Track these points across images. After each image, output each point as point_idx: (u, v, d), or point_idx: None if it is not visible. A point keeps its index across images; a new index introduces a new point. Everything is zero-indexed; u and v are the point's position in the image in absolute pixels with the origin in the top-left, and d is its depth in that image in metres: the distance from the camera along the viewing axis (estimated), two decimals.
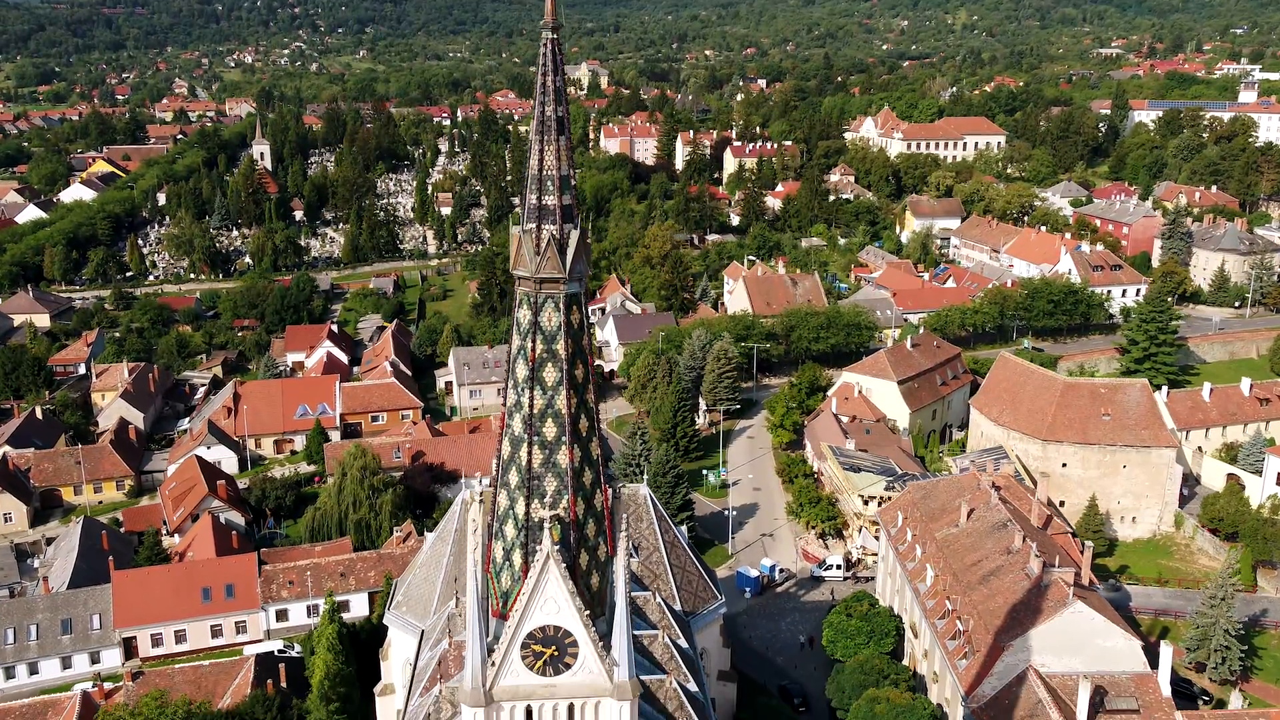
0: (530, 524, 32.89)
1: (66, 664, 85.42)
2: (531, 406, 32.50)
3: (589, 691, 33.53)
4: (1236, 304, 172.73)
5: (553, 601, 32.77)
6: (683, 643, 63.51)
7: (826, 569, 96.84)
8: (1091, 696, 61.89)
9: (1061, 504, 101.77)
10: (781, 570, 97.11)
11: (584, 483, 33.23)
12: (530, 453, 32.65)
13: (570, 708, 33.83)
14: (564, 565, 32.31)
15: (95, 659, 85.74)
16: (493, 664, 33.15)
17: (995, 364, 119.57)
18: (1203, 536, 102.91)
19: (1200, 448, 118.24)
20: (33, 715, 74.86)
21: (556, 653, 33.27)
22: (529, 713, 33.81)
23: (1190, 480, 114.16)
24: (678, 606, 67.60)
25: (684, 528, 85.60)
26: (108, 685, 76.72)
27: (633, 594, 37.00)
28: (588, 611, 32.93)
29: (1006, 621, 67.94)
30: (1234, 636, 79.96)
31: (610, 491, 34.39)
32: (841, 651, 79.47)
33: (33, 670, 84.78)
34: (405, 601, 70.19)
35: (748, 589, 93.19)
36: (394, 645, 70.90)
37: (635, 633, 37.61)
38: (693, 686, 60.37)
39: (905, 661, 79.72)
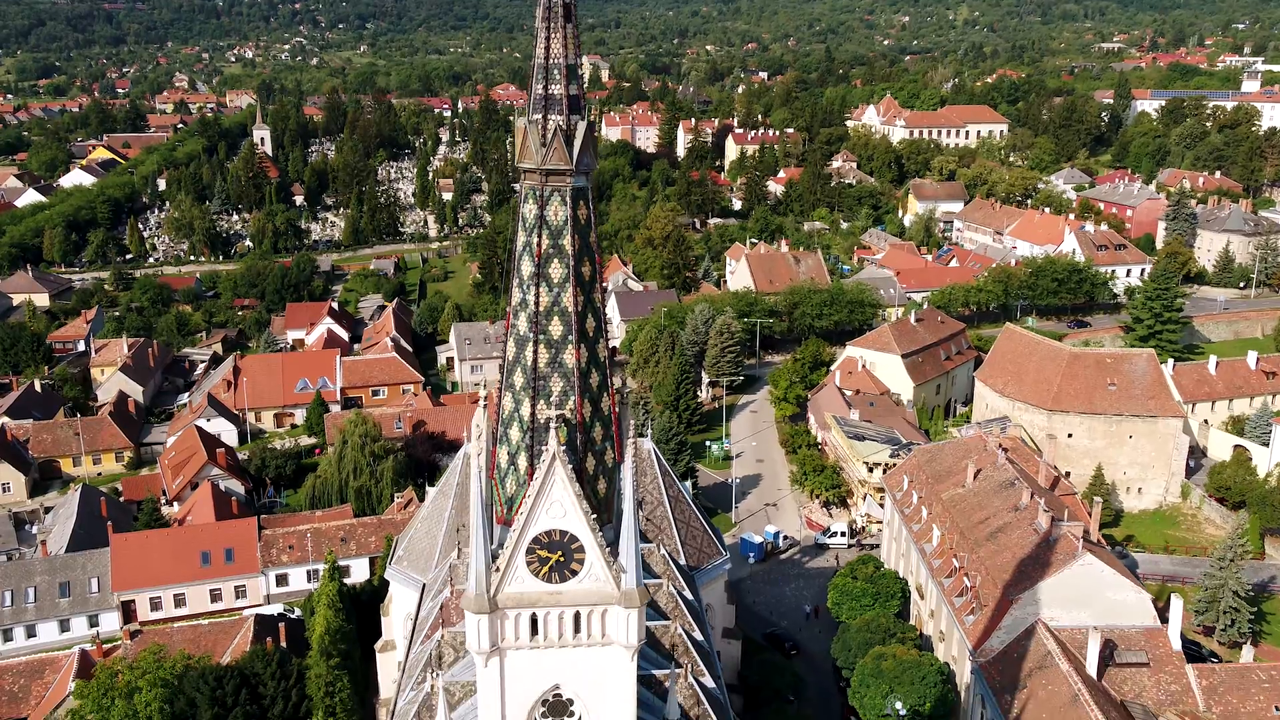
0: (535, 426, 32.12)
1: (64, 627, 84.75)
2: (537, 304, 31.73)
3: (595, 599, 32.75)
4: (1241, 285, 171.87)
5: (558, 505, 31.97)
6: (688, 594, 62.77)
7: (831, 536, 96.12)
8: (1101, 649, 61.19)
9: (1067, 475, 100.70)
10: (785, 538, 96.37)
11: (590, 384, 32.47)
12: (536, 352, 31.88)
13: (576, 616, 33.05)
14: (570, 467, 31.53)
15: (93, 622, 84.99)
16: (497, 570, 32.37)
17: (1000, 335, 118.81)
18: (1210, 506, 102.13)
19: (1206, 421, 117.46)
20: (30, 673, 74.39)
21: (562, 558, 32.49)
22: (534, 621, 33.03)
23: (1196, 453, 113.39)
24: (682, 561, 66.85)
25: (688, 483, 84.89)
26: (106, 645, 76.20)
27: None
28: (594, 515, 32.15)
29: (1014, 576, 67.15)
30: (1243, 599, 79.21)
31: (618, 397, 33.63)
32: (846, 614, 78.64)
33: (30, 633, 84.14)
34: (406, 556, 69.38)
35: (751, 554, 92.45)
36: (395, 601, 70.13)
37: None
38: (698, 635, 59.66)
39: (911, 623, 78.92)
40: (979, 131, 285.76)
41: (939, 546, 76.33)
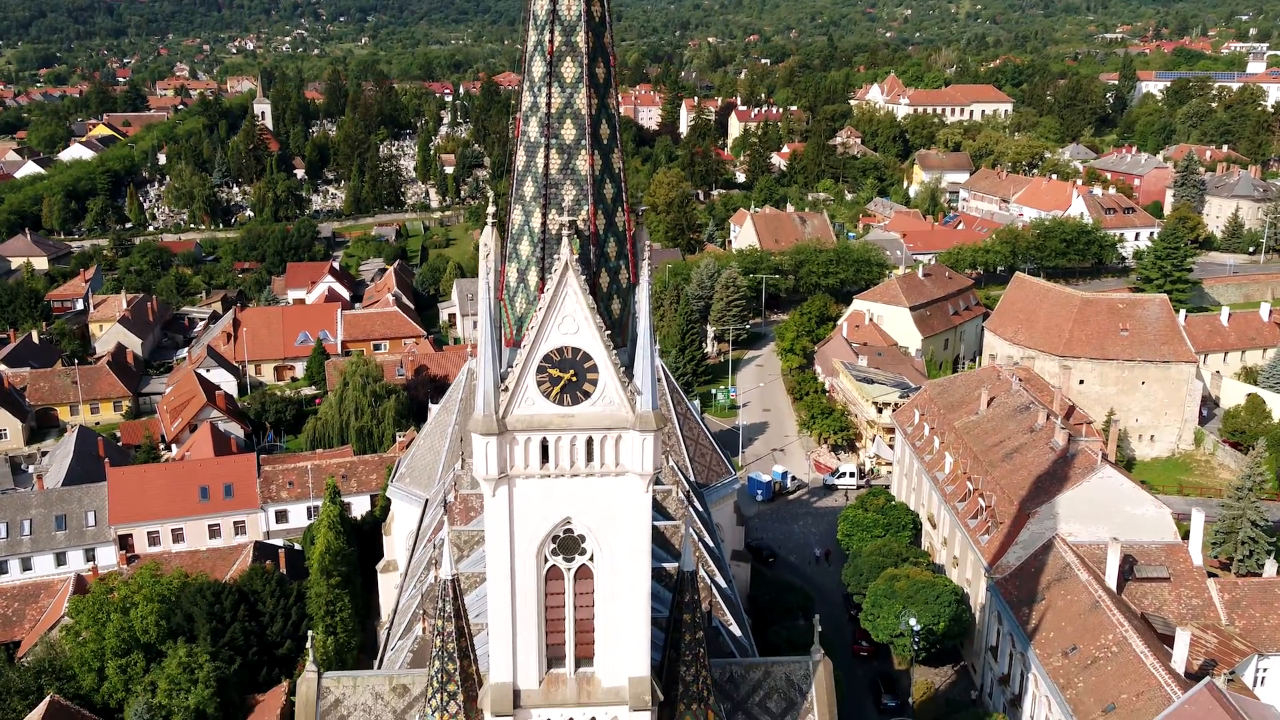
0: (547, 237, 30.56)
1: (61, 560, 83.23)
2: (549, 106, 30.14)
3: (609, 422, 31.20)
4: (1251, 250, 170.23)
5: (571, 319, 30.43)
6: (698, 505, 61.34)
7: (840, 477, 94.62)
8: (1120, 564, 59.68)
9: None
10: (793, 479, 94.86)
11: (604, 195, 30.89)
12: (548, 158, 30.31)
13: (589, 443, 31.52)
14: (584, 277, 29.99)
15: (90, 556, 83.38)
16: (505, 390, 30.84)
17: (1010, 284, 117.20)
18: (1224, 451, 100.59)
19: (1218, 372, 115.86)
20: (24, 597, 73.24)
21: (575, 378, 30.93)
22: (545, 447, 31.50)
23: (1209, 403, 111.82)
24: (691, 477, 65.38)
25: (697, 401, 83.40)
26: (103, 572, 74.71)
27: None
28: (608, 333, 30.61)
29: (1031, 491, 65.67)
30: (1261, 529, 77.63)
31: (633, 216, 32.12)
32: (857, 545, 77.22)
33: (26, 566, 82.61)
34: (409, 473, 67.99)
35: (759, 493, 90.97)
36: (397, 520, 68.77)
37: None
38: (709, 540, 58.25)
39: (924, 550, 77.44)
40: (983, 111, 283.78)
41: (951, 473, 74.83)
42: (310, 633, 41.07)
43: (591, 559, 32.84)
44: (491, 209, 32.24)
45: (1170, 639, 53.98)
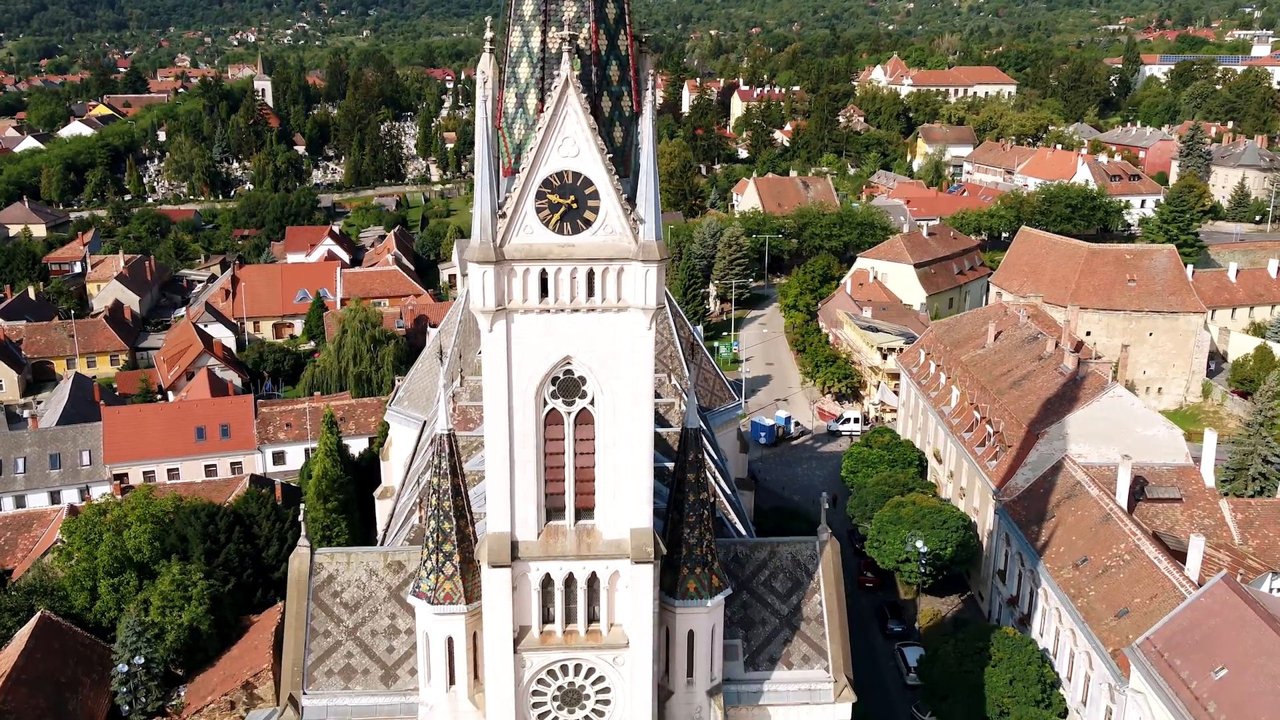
0: (546, 56, 29.44)
1: (55, 499, 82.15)
2: None
3: (611, 253, 30.11)
4: (1257, 219, 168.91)
5: (571, 141, 29.32)
6: (700, 423, 60.10)
7: (844, 423, 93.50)
8: (1131, 485, 58.49)
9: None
10: (797, 424, 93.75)
11: (606, 15, 29.78)
12: None
13: (590, 276, 30.43)
14: (584, 96, 28.86)
15: (84, 495, 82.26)
16: (504, 216, 29.74)
17: (1016, 238, 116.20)
18: (1233, 401, 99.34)
19: (1226, 328, 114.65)
20: (17, 526, 72.18)
21: (575, 204, 29.82)
22: (544, 280, 30.40)
23: (1216, 359, 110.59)
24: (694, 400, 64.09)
25: (700, 327, 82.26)
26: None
27: None
28: (610, 156, 29.48)
29: (1040, 414, 64.56)
30: (1273, 465, 76.40)
31: (637, 43, 30.99)
32: (862, 480, 76.02)
33: (19, 504, 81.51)
34: (407, 396, 66.87)
35: (762, 436, 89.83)
36: (395, 445, 67.60)
37: None
38: (711, 452, 57.08)
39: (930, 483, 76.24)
40: (986, 92, 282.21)
41: (958, 406, 73.71)
42: (302, 505, 39.93)
43: (592, 403, 31.79)
44: (489, 34, 31.08)
45: (1182, 555, 52.81)
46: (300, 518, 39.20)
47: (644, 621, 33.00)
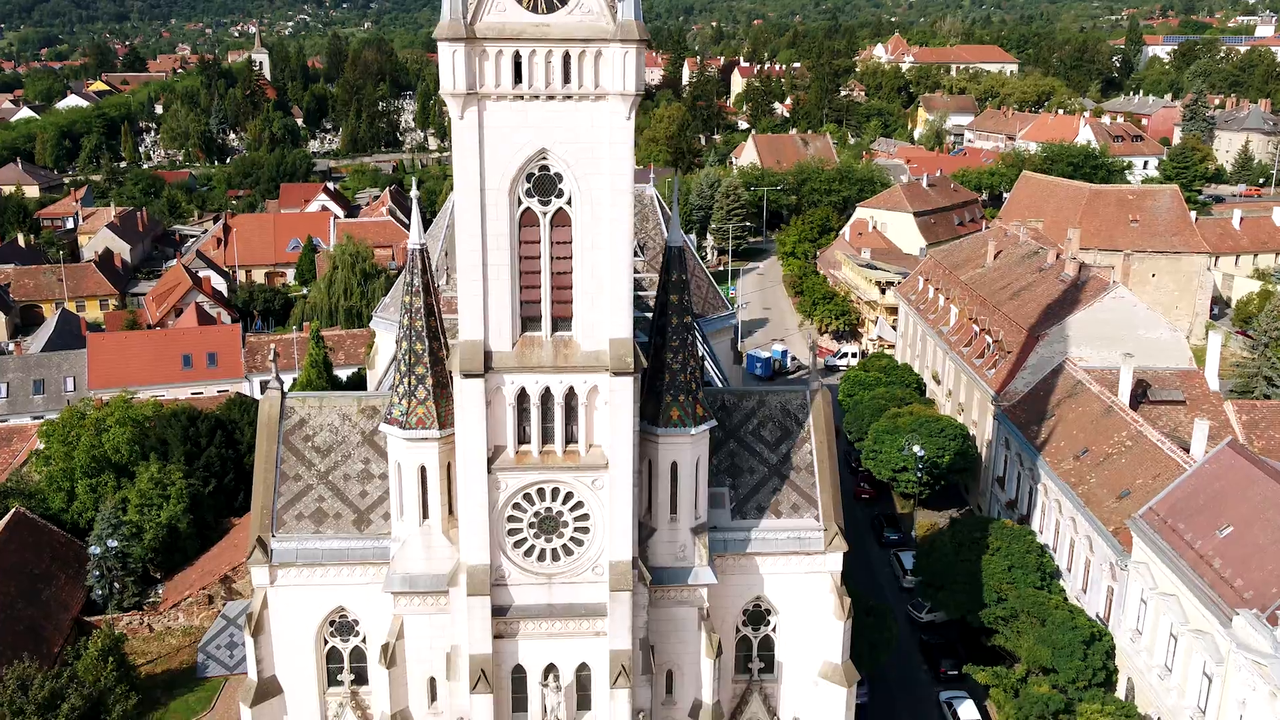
0: None
1: None
2: None
3: (587, 33, 28.74)
4: (1261, 182, 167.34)
5: None
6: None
7: (841, 358, 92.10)
8: (1134, 388, 56.98)
9: None
10: (793, 359, 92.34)
11: None
12: None
13: (566, 60, 29.01)
14: None
15: None
16: None
17: (1017, 183, 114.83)
18: (1236, 341, 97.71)
19: (1230, 274, 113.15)
20: None
21: None
22: (518, 65, 28.97)
23: (1219, 304, 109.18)
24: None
25: (693, 235, 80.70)
26: None
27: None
28: None
29: (1040, 318, 63.11)
30: (1278, 386, 74.90)
31: None
32: (858, 399, 74.52)
33: None
34: (392, 302, 65.21)
35: (758, 368, 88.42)
36: (380, 352, 66.07)
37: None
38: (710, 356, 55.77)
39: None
40: (988, 71, 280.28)
41: (957, 323, 72.25)
42: (273, 347, 38.48)
43: (569, 202, 30.38)
44: None
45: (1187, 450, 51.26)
46: (270, 357, 37.71)
47: (624, 441, 31.59)
